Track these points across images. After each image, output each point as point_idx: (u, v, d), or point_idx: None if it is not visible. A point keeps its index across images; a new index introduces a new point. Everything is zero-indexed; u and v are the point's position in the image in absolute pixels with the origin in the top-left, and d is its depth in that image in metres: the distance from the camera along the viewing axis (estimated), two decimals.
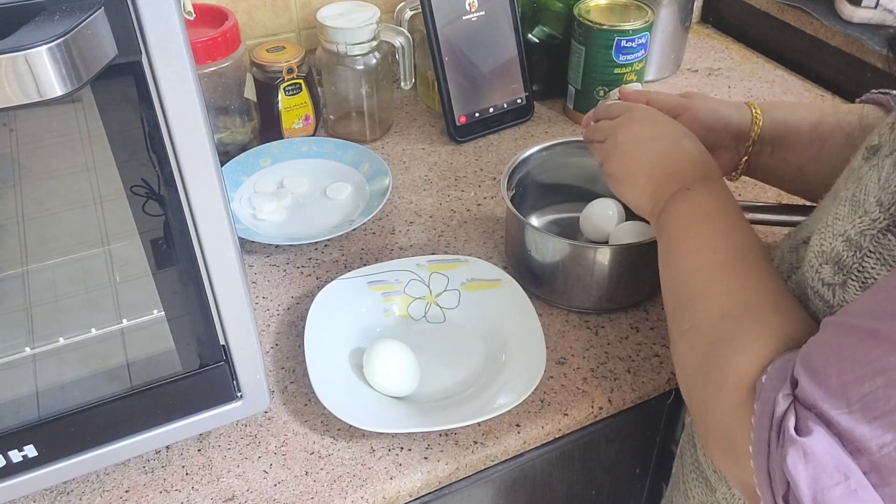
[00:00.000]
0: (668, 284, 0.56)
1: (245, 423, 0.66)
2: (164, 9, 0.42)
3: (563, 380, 0.70)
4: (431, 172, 0.96)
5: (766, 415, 0.41)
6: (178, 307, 0.55)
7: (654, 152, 0.61)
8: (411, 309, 0.76)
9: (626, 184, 0.63)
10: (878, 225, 0.42)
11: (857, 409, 0.37)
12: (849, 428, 0.37)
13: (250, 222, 0.87)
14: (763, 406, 0.41)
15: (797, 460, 0.38)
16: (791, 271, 0.55)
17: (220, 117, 0.93)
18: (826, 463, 0.37)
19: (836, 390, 0.38)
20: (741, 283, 0.50)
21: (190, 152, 0.47)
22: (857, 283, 0.43)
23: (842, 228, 0.45)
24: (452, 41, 0.97)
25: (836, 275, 0.45)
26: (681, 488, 0.67)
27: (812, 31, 1.13)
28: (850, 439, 0.37)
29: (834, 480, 0.37)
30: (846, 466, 0.37)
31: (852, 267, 0.43)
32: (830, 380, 0.38)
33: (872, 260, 0.42)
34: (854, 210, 0.44)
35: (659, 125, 0.64)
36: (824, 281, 0.46)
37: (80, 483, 0.62)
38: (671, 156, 0.61)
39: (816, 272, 0.47)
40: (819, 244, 0.47)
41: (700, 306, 0.51)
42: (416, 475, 0.62)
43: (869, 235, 0.42)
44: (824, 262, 0.46)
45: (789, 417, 0.39)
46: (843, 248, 0.44)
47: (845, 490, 0.37)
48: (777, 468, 0.39)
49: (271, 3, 1.03)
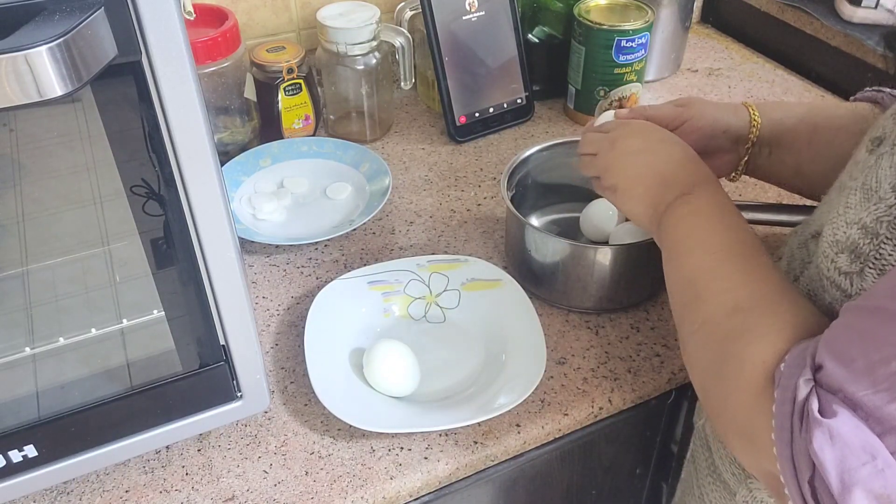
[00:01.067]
0: (674, 287, 0.57)
1: (245, 423, 0.66)
2: (164, 9, 0.42)
3: (564, 380, 0.70)
4: (431, 172, 0.96)
5: (787, 401, 0.41)
6: (178, 307, 0.55)
7: (651, 163, 0.62)
8: (411, 309, 0.76)
9: (624, 195, 0.63)
10: (894, 211, 0.42)
11: (884, 389, 0.37)
12: (876, 407, 0.37)
13: (250, 222, 0.87)
14: (784, 392, 0.42)
15: (823, 442, 0.38)
16: (803, 266, 0.55)
17: (220, 117, 0.93)
18: (852, 443, 0.38)
19: (863, 371, 0.38)
20: (747, 277, 0.51)
21: (190, 152, 0.47)
22: (875, 269, 0.43)
23: (856, 217, 0.45)
24: (452, 41, 0.97)
25: (852, 263, 0.45)
26: (696, 493, 0.66)
27: (812, 31, 1.13)
28: (877, 419, 0.38)
29: (861, 461, 0.37)
30: (872, 446, 0.37)
31: (869, 254, 0.44)
32: (857, 362, 0.38)
33: (890, 246, 0.43)
34: (867, 198, 0.44)
35: (654, 137, 0.65)
36: (841, 270, 0.46)
37: (80, 483, 0.62)
38: (668, 165, 0.61)
39: (832, 262, 0.47)
40: (833, 234, 0.47)
41: (709, 303, 0.51)
42: (416, 475, 0.62)
43: (885, 222, 0.43)
44: (840, 252, 0.46)
45: (812, 401, 0.40)
46: (859, 236, 0.44)
47: (872, 469, 0.37)
48: (801, 453, 0.40)
49: (271, 3, 1.03)
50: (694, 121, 0.70)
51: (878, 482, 0.37)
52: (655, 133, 0.65)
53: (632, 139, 0.65)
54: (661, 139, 0.64)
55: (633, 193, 0.62)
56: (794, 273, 0.56)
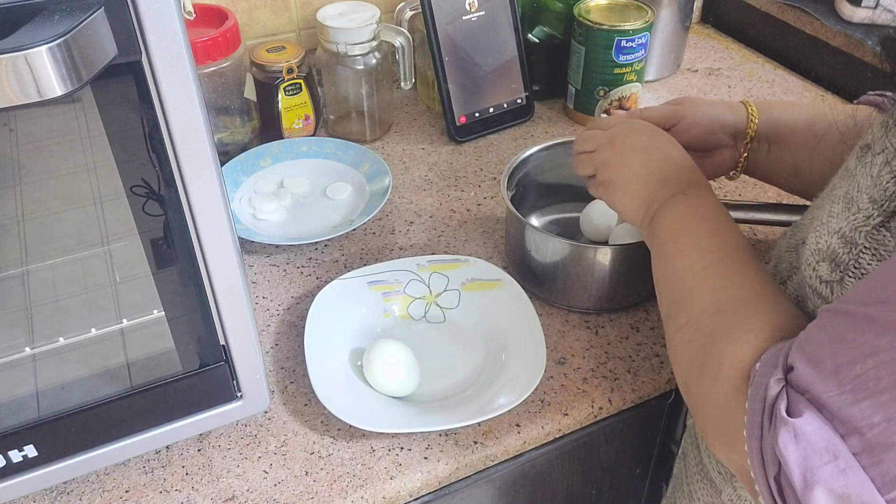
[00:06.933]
0: (662, 284, 0.58)
1: (245, 423, 0.66)
2: (164, 9, 0.42)
3: (563, 380, 0.70)
4: (431, 172, 0.96)
5: (758, 398, 0.42)
6: (178, 307, 0.55)
7: (650, 161, 0.63)
8: (411, 309, 0.76)
9: (619, 190, 0.64)
10: (872, 221, 0.43)
11: (849, 390, 0.38)
12: (840, 409, 0.38)
13: (250, 222, 0.87)
14: (756, 390, 0.42)
15: (788, 441, 0.39)
16: (791, 271, 0.55)
17: (220, 117, 0.93)
18: (816, 443, 0.38)
19: (830, 373, 0.39)
20: (734, 279, 0.52)
21: (190, 152, 0.47)
22: (854, 279, 0.44)
23: (837, 226, 0.45)
24: (452, 41, 0.97)
25: (833, 272, 0.45)
26: (685, 490, 0.67)
27: (812, 31, 1.13)
28: (841, 420, 0.38)
29: (823, 460, 0.38)
30: (835, 447, 0.38)
31: (848, 263, 0.44)
32: (825, 363, 0.39)
33: (868, 256, 0.43)
34: (848, 207, 0.45)
35: (653, 136, 0.66)
36: (822, 278, 0.46)
37: (80, 483, 0.62)
38: (666, 164, 0.62)
39: (814, 270, 0.47)
40: (815, 242, 0.47)
41: (695, 302, 0.53)
42: (416, 475, 0.62)
43: (863, 231, 0.43)
44: (821, 260, 0.46)
45: (781, 400, 0.40)
46: (839, 246, 0.45)
47: (834, 469, 0.38)
48: (769, 449, 0.40)
49: (271, 3, 1.03)
50: (690, 118, 0.70)
51: (839, 482, 0.37)
52: (656, 133, 0.66)
53: (633, 136, 0.66)
54: (662, 139, 0.65)
55: (629, 189, 0.63)
56: (780, 277, 0.57)
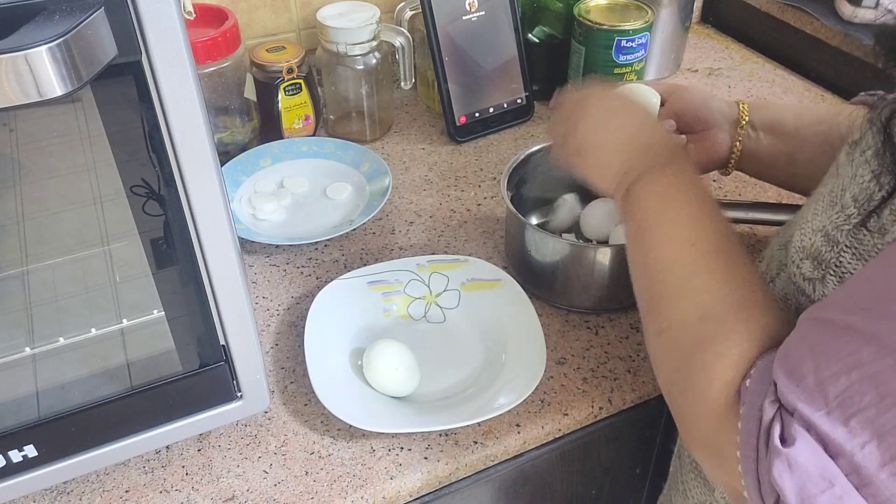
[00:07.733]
0: (640, 274, 0.53)
1: (245, 423, 0.66)
2: (164, 9, 0.42)
3: (563, 380, 0.70)
4: (431, 172, 0.96)
5: (753, 419, 0.40)
6: (178, 307, 0.55)
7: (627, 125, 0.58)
8: (411, 309, 0.76)
9: (591, 156, 0.58)
10: (853, 220, 0.42)
11: (835, 408, 0.37)
12: (828, 431, 0.37)
13: (250, 222, 0.87)
14: (749, 410, 0.41)
15: (782, 471, 0.38)
16: (780, 269, 0.54)
17: (220, 117, 0.93)
18: (811, 471, 0.37)
19: (814, 389, 0.37)
20: (720, 278, 0.48)
21: (190, 152, 0.47)
22: (835, 277, 0.44)
23: (820, 224, 0.45)
24: (452, 41, 0.96)
25: (815, 270, 0.45)
26: (679, 488, 0.67)
27: (812, 31, 1.13)
28: (830, 442, 0.37)
29: (819, 488, 0.37)
30: (831, 473, 0.37)
31: (830, 262, 0.44)
32: (807, 378, 0.38)
33: (849, 255, 0.43)
34: (832, 205, 0.44)
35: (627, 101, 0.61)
36: (805, 276, 0.46)
37: (80, 483, 0.62)
38: (643, 131, 0.57)
39: (798, 267, 0.47)
40: (800, 240, 0.47)
41: (678, 304, 0.49)
42: (416, 475, 0.62)
43: (844, 230, 0.43)
44: (805, 258, 0.46)
45: (775, 426, 0.39)
46: (822, 244, 0.44)
47: (831, 496, 0.37)
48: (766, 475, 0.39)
49: (271, 3, 1.03)
50: (685, 90, 0.71)
51: None
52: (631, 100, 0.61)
53: (608, 99, 0.61)
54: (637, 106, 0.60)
55: (602, 154, 0.57)
56: (770, 274, 0.55)
